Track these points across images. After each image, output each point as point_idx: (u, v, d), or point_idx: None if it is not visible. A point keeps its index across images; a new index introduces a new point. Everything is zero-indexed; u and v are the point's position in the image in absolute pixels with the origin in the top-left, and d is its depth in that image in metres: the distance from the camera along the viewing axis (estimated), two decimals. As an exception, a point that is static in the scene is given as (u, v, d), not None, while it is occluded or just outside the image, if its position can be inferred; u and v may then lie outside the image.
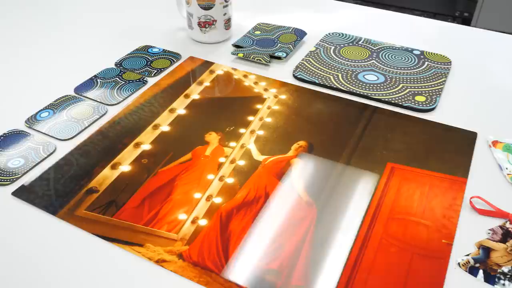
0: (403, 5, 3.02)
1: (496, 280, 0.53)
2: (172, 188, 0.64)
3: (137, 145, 0.70)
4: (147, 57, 0.90)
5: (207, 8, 0.90)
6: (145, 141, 0.71)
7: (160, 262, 0.54)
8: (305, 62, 0.88)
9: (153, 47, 0.94)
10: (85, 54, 0.92)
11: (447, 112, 0.78)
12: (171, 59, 0.90)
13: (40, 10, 1.10)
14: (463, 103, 0.80)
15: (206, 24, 0.92)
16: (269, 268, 0.54)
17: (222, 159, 0.68)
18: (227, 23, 0.94)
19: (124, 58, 0.90)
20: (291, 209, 0.61)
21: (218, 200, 0.62)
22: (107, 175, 0.65)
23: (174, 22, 1.03)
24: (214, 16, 0.91)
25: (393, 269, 0.54)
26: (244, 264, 0.54)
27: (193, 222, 0.59)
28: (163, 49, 0.93)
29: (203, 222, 0.59)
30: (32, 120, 0.74)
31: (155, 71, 0.86)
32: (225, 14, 0.92)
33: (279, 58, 0.90)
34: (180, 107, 0.78)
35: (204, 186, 0.64)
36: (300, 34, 0.96)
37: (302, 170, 0.66)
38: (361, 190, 0.63)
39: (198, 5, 0.90)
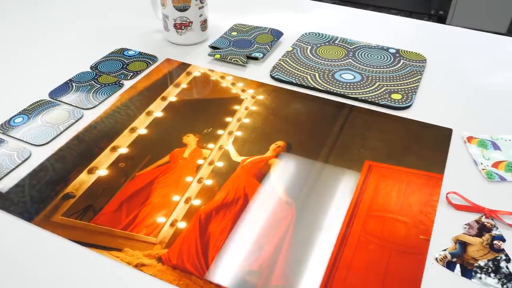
0: (380, 4, 3.06)
1: (473, 274, 0.54)
2: (150, 191, 0.63)
3: (114, 149, 0.70)
4: (123, 60, 0.89)
5: (182, 9, 0.89)
6: (122, 144, 0.70)
7: (139, 266, 0.54)
8: (282, 62, 0.89)
9: (129, 49, 0.93)
10: (60, 58, 0.91)
11: (423, 110, 0.79)
12: (147, 61, 0.89)
13: (11, 13, 1.08)
14: (439, 100, 0.81)
15: (182, 26, 0.92)
16: (249, 269, 0.54)
17: (200, 161, 0.68)
18: (203, 25, 0.94)
19: (100, 61, 0.89)
20: (270, 209, 0.61)
21: (197, 202, 0.62)
22: (83, 180, 0.64)
23: (150, 24, 1.02)
24: (190, 18, 0.91)
25: (372, 266, 0.54)
26: (224, 265, 0.54)
27: (172, 225, 0.59)
28: (139, 52, 0.92)
29: (182, 224, 0.59)
30: (6, 126, 0.73)
31: (131, 74, 0.85)
32: (201, 15, 0.92)
33: (256, 58, 0.90)
34: (157, 109, 0.77)
35: (182, 189, 0.64)
36: (276, 35, 0.97)
37: (280, 170, 0.66)
38: (340, 188, 0.63)
39: (174, 7, 0.89)
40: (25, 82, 0.84)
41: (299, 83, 0.83)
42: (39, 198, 0.62)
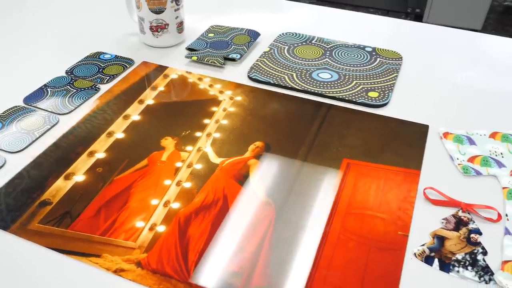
0: (358, 4, 3.08)
1: (451, 267, 0.54)
2: (128, 195, 0.63)
3: (91, 153, 0.69)
4: (99, 64, 0.88)
5: (158, 12, 0.89)
6: (99, 149, 0.70)
7: (118, 271, 0.53)
8: (259, 63, 0.89)
9: (105, 53, 0.92)
10: (34, 63, 0.90)
11: (400, 107, 0.80)
12: (124, 65, 0.88)
13: (-15, 19, 1.07)
14: (415, 97, 0.82)
15: (158, 28, 0.91)
16: (230, 271, 0.53)
17: (178, 164, 0.67)
18: (180, 27, 0.94)
19: (75, 65, 0.88)
20: (250, 210, 0.61)
21: (176, 205, 0.61)
22: (60, 186, 0.63)
23: (126, 27, 1.01)
24: (166, 20, 0.90)
25: (352, 264, 0.54)
26: (205, 268, 0.54)
27: (151, 229, 0.58)
28: (115, 55, 0.91)
29: (161, 228, 0.58)
30: (-21, 134, 0.71)
31: (108, 77, 0.85)
32: (177, 17, 0.92)
33: (233, 59, 0.90)
34: (134, 113, 0.77)
35: (161, 192, 0.63)
36: (253, 35, 0.97)
37: (259, 171, 0.66)
38: (318, 187, 0.64)
39: (149, 9, 0.89)
40: (-1, 89, 0.83)
41: (276, 83, 0.83)
42: (15, 206, 0.61)
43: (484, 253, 0.56)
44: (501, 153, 0.70)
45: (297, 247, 0.56)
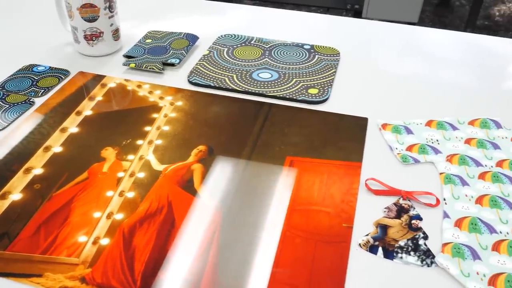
0: (300, 3, 3.12)
1: (395, 254, 0.56)
2: (69, 210, 0.61)
3: (28, 170, 0.66)
4: (32, 77, 0.85)
5: (91, 20, 0.87)
6: (36, 165, 0.67)
7: (61, 290, 0.52)
8: (199, 67, 0.88)
9: (38, 65, 0.89)
10: (-37, 80, 0.86)
11: (339, 101, 0.81)
12: (59, 76, 0.86)
13: None
14: (354, 91, 0.84)
15: (92, 37, 0.89)
16: (178, 277, 0.53)
17: (120, 174, 0.66)
18: (115, 34, 0.92)
19: (7, 80, 0.84)
20: (195, 215, 0.60)
21: (119, 216, 0.60)
22: (-4, 207, 0.61)
23: (59, 38, 0.98)
24: (100, 28, 0.88)
25: (299, 260, 0.55)
26: (151, 277, 0.53)
27: (95, 242, 0.57)
28: (50, 67, 0.88)
29: (105, 241, 0.57)
30: None
31: (42, 90, 0.82)
32: (111, 24, 0.90)
33: (172, 65, 0.89)
34: (72, 125, 0.74)
35: (103, 204, 0.62)
36: (192, 39, 0.96)
37: (203, 175, 0.66)
38: (263, 186, 0.64)
39: (82, 17, 0.86)
40: None
41: (217, 85, 0.83)
42: None
43: (425, 237, 0.58)
44: (437, 140, 0.73)
45: (245, 249, 0.56)
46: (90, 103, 0.79)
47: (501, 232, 0.58)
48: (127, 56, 0.91)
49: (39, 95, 0.81)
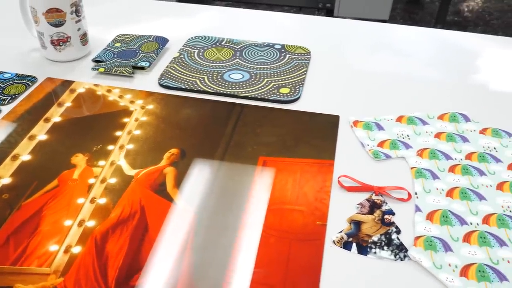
0: (272, 3, 3.13)
1: (368, 250, 0.56)
2: (39, 219, 0.60)
3: (-5, 180, 0.65)
4: (-2, 84, 0.83)
5: (58, 25, 0.85)
6: (4, 174, 0.66)
7: (32, 301, 0.51)
8: (170, 69, 0.88)
9: (4, 72, 0.87)
10: None
11: (311, 100, 0.82)
12: (26, 83, 0.84)
13: None
14: (325, 89, 0.85)
15: (60, 42, 0.88)
16: (152, 281, 0.52)
17: (91, 180, 0.65)
18: (83, 39, 0.90)
19: (-28, 88, 0.83)
20: (169, 218, 0.59)
21: (91, 223, 0.59)
22: (-38, 219, 0.59)
23: (26, 43, 0.96)
24: (67, 33, 0.87)
25: (274, 259, 0.55)
26: (125, 283, 0.52)
27: (66, 251, 0.56)
28: (16, 73, 0.86)
29: (76, 249, 0.56)
30: None
31: (8, 98, 0.80)
32: (79, 29, 0.88)
33: (142, 68, 0.88)
34: (40, 132, 0.73)
35: (74, 212, 0.61)
36: (162, 42, 0.95)
37: (176, 178, 0.65)
38: (237, 187, 0.64)
39: (48, 22, 0.85)
40: None
41: (188, 88, 0.82)
42: None
43: (398, 232, 0.58)
44: (408, 135, 0.73)
45: (220, 250, 0.56)
46: (59, 110, 0.78)
47: (471, 224, 0.59)
48: (96, 61, 0.90)
49: (6, 103, 0.79)
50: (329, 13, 2.99)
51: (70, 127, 0.74)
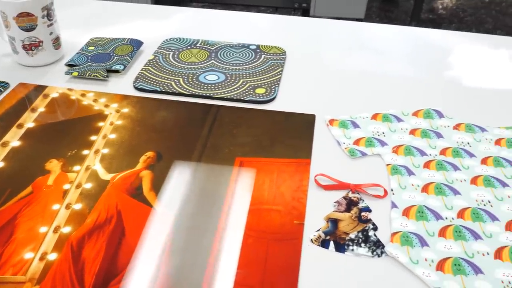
0: (249, 3, 3.13)
1: (346, 247, 0.57)
2: (13, 227, 0.59)
3: (-33, 188, 0.64)
4: (-31, 91, 0.82)
5: (29, 29, 0.84)
6: (-24, 182, 0.64)
7: (7, 310, 0.50)
8: (144, 72, 0.87)
9: (-25, 79, 0.85)
10: None
11: (287, 100, 0.82)
12: (-2, 89, 0.83)
13: None
14: (301, 89, 0.85)
15: (32, 47, 0.86)
16: (130, 286, 0.52)
17: (66, 186, 0.64)
18: (56, 43, 0.89)
19: None
20: (146, 222, 0.59)
21: (67, 229, 0.58)
22: None
23: (-3, 49, 0.95)
24: (39, 37, 0.86)
25: (252, 260, 0.55)
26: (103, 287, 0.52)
27: (42, 258, 0.55)
28: (-13, 80, 0.85)
29: (52, 256, 0.55)
30: None
31: (-20, 104, 0.79)
32: (51, 33, 0.87)
33: (117, 71, 0.87)
34: (13, 139, 0.72)
35: (49, 218, 0.60)
36: (136, 44, 0.94)
37: (152, 181, 0.65)
38: (214, 189, 0.64)
39: (19, 27, 0.83)
40: None
41: (164, 90, 0.82)
42: None
43: (375, 228, 0.59)
44: (383, 133, 0.74)
45: (199, 252, 0.56)
46: (32, 115, 0.77)
47: (446, 218, 0.60)
48: (70, 65, 0.89)
49: (-23, 109, 0.78)
50: (305, 13, 3.00)
51: (44, 133, 0.73)
